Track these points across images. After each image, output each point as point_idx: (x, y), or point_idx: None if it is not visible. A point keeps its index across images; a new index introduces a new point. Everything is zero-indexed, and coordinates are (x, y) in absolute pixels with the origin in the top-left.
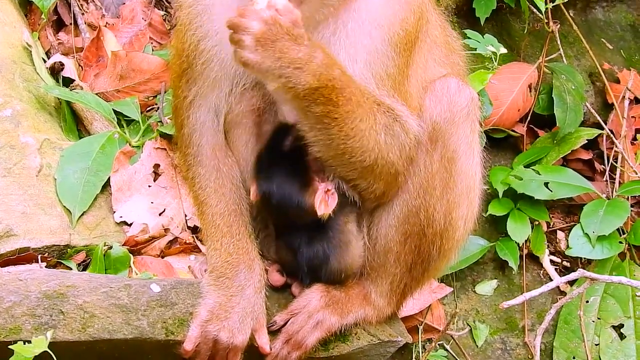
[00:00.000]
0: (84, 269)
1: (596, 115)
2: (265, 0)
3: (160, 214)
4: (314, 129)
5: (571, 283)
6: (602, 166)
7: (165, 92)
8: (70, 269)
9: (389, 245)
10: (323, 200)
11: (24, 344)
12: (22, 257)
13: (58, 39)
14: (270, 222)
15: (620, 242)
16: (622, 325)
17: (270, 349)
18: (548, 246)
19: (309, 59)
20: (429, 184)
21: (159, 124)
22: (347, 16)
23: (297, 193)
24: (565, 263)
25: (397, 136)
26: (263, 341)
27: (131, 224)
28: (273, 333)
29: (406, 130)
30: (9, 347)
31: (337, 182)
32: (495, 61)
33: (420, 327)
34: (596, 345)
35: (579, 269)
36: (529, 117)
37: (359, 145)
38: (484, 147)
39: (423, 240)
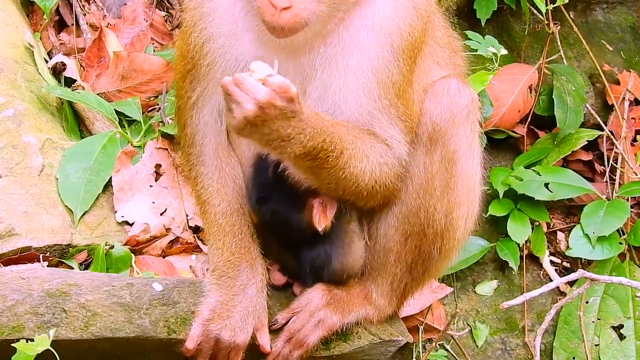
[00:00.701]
0: (86, 269)
1: (596, 116)
2: (263, 70)
3: (161, 214)
4: (307, 175)
5: (571, 283)
6: (602, 167)
7: (166, 93)
8: (72, 268)
9: (389, 244)
10: (320, 214)
11: (27, 342)
12: (24, 256)
13: (60, 40)
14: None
15: (620, 243)
16: (621, 326)
17: (271, 348)
18: (548, 247)
19: (298, 133)
20: (429, 185)
21: (160, 124)
22: (356, 24)
23: (294, 215)
24: (565, 264)
25: (391, 165)
26: (264, 340)
27: (133, 223)
28: (275, 332)
29: (398, 159)
30: (12, 345)
31: None
32: (496, 62)
33: (421, 327)
34: (596, 345)
35: (579, 270)
36: (529, 118)
37: (352, 183)
38: (485, 147)
39: (423, 240)
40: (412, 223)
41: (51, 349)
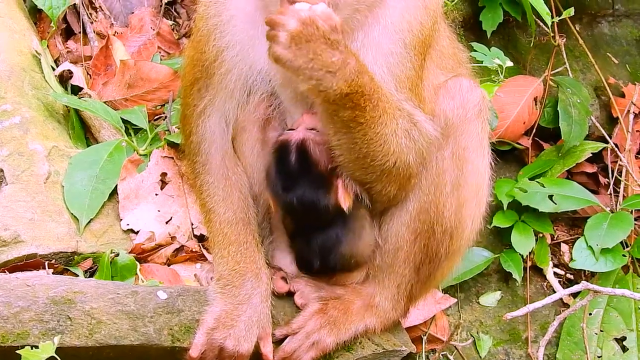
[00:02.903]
0: (91, 276)
1: (601, 129)
2: (306, 3)
3: (167, 222)
4: (339, 133)
5: (574, 295)
6: (607, 179)
7: (173, 101)
8: (77, 276)
9: (399, 243)
10: (345, 194)
11: (32, 349)
12: (30, 263)
13: (67, 47)
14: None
15: (624, 255)
16: (624, 338)
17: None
18: (552, 258)
19: (342, 65)
20: (440, 180)
21: (166, 132)
22: (372, 22)
23: (323, 198)
24: (568, 275)
25: (416, 140)
26: (267, 350)
27: (138, 231)
28: (274, 343)
29: (424, 135)
30: (17, 351)
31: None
32: (501, 74)
33: (424, 338)
34: (599, 357)
35: (582, 282)
36: (534, 130)
37: (381, 149)
38: None
39: (432, 239)
40: (423, 220)
41: (56, 356)
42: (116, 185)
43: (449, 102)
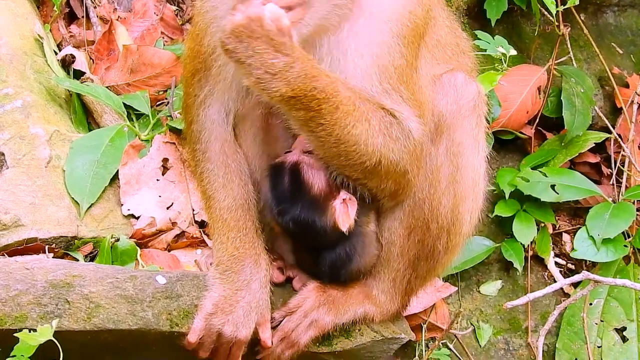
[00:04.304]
0: (91, 261)
1: (604, 119)
2: (262, 1)
3: (167, 208)
4: (303, 130)
5: (575, 285)
6: (609, 170)
7: (175, 87)
8: (77, 260)
9: (391, 238)
10: (343, 214)
11: (30, 332)
12: (30, 247)
13: (70, 32)
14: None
15: (625, 246)
16: (624, 328)
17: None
18: (553, 248)
19: (284, 68)
20: (434, 177)
21: (168, 118)
22: (357, 12)
23: (318, 220)
24: (570, 265)
25: (397, 139)
26: (266, 336)
27: (139, 217)
28: (273, 328)
29: (406, 132)
30: (15, 334)
31: (349, 185)
32: (505, 63)
33: (424, 326)
34: (598, 347)
35: (583, 272)
36: (537, 120)
37: (355, 149)
38: (492, 148)
39: (427, 234)
40: (417, 217)
41: (54, 339)
42: (117, 170)
43: (442, 97)
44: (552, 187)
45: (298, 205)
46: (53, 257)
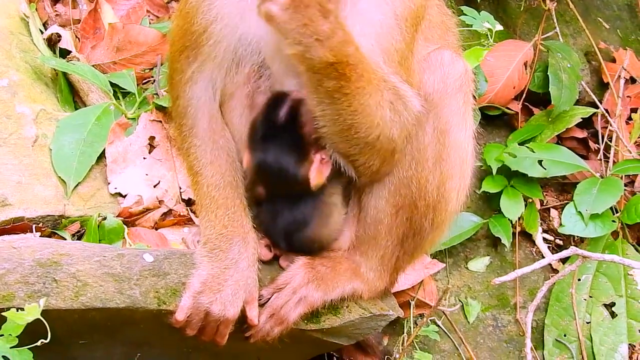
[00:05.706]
0: (78, 240)
1: (591, 94)
2: None
3: (154, 186)
4: (323, 103)
5: (563, 261)
6: (597, 145)
7: (161, 65)
8: (65, 239)
9: (379, 216)
10: (318, 170)
11: (17, 311)
12: (17, 226)
13: (55, 11)
14: (258, 186)
15: (613, 221)
16: (613, 304)
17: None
18: (541, 224)
19: (331, 34)
20: (421, 155)
21: (154, 96)
22: None
23: (294, 166)
24: (558, 241)
25: (401, 113)
26: (253, 314)
27: (125, 195)
28: (261, 306)
29: (409, 109)
30: (2, 314)
31: (333, 154)
32: (491, 38)
33: (412, 302)
34: (587, 323)
35: (571, 247)
36: (524, 95)
37: (365, 121)
38: (479, 123)
39: (415, 212)
40: (404, 195)
41: (41, 318)
42: (104, 149)
43: (429, 76)
44: (540, 162)
45: (283, 137)
46: (40, 236)
